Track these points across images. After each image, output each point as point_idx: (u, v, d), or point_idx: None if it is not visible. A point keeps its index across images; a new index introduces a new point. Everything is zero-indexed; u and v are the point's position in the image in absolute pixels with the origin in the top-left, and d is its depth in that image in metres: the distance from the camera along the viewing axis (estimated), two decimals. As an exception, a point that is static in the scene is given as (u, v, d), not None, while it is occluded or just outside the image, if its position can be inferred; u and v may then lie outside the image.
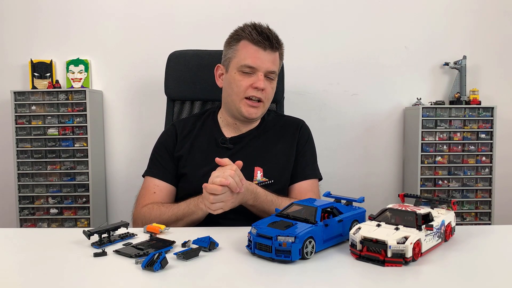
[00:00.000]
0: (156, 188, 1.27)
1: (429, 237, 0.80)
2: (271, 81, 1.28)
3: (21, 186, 2.28)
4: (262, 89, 1.24)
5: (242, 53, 1.25)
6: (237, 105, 1.27)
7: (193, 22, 2.37)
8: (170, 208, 1.16)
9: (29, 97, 2.26)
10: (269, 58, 1.25)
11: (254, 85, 1.23)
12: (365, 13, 2.40)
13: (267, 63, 1.24)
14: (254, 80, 1.24)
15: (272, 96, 1.31)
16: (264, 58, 1.24)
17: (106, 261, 0.80)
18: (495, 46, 2.42)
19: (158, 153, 1.34)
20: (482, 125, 2.26)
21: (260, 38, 1.23)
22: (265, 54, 1.24)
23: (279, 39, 1.29)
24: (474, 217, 2.31)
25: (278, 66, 1.30)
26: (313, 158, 1.38)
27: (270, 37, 1.24)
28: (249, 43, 1.25)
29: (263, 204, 1.13)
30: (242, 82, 1.25)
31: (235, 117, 1.33)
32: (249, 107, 1.26)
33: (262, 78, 1.23)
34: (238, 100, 1.26)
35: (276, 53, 1.28)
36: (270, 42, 1.24)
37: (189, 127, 1.37)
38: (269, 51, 1.25)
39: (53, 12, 2.39)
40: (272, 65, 1.26)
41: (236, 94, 1.26)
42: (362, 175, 2.48)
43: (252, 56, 1.23)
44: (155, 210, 1.19)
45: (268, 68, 1.25)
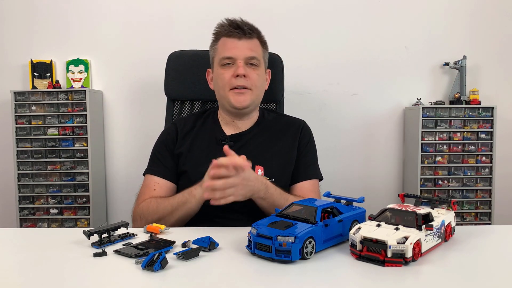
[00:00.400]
0: (156, 185, 1.28)
1: (429, 237, 0.80)
2: (255, 68, 1.29)
3: (21, 186, 2.28)
4: (244, 75, 1.25)
5: (220, 49, 1.29)
6: (226, 98, 1.29)
7: (193, 22, 2.37)
8: (167, 200, 1.18)
9: (29, 97, 2.26)
10: (246, 45, 1.27)
11: (235, 73, 1.25)
12: (365, 13, 2.40)
13: (244, 50, 1.26)
14: (235, 69, 1.26)
15: (260, 83, 1.31)
16: (241, 46, 1.27)
17: (106, 261, 0.80)
18: (495, 46, 2.42)
19: (158, 151, 1.35)
20: (482, 125, 2.26)
21: (231, 28, 1.27)
22: (241, 43, 1.27)
23: (253, 27, 1.30)
24: (474, 217, 2.31)
25: (259, 53, 1.31)
26: (315, 159, 1.39)
27: (241, 25, 1.27)
28: (225, 38, 1.29)
29: (273, 196, 1.13)
30: (224, 75, 1.28)
31: (230, 113, 1.34)
32: (236, 96, 1.27)
33: (242, 65, 1.25)
34: (225, 92, 1.29)
35: (253, 40, 1.30)
36: (242, 30, 1.27)
37: (189, 125, 1.38)
38: (244, 39, 1.27)
39: (53, 12, 2.39)
40: (250, 51, 1.27)
41: (222, 87, 1.29)
42: (362, 175, 2.47)
43: (228, 47, 1.27)
44: (152, 203, 1.20)
45: (246, 54, 1.26)
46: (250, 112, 1.35)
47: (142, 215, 1.20)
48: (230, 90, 1.27)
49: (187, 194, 1.14)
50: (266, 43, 1.36)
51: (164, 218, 1.14)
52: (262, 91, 1.34)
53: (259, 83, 1.30)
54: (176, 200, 1.15)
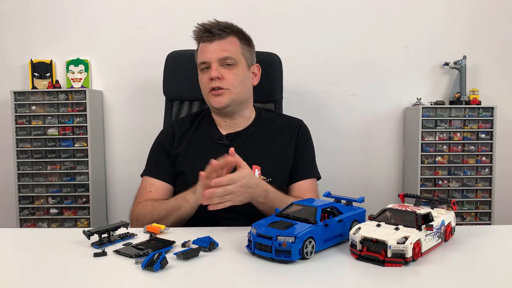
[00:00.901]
0: (152, 187, 1.28)
1: (429, 237, 0.80)
2: (231, 67, 1.27)
3: (21, 186, 2.28)
4: (217, 77, 1.25)
5: (198, 54, 1.32)
6: (208, 101, 1.32)
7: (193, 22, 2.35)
8: (162, 204, 1.18)
9: (29, 97, 2.26)
10: (217, 47, 1.27)
11: (209, 77, 1.26)
12: (365, 13, 2.40)
13: (216, 52, 1.26)
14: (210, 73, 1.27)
15: (240, 81, 1.29)
16: (212, 49, 1.27)
17: (106, 261, 0.80)
18: (495, 46, 2.42)
19: (155, 153, 1.35)
20: (482, 125, 2.26)
21: (201, 33, 1.28)
22: (213, 45, 1.27)
23: (226, 26, 1.28)
24: (474, 217, 2.31)
25: (235, 51, 1.28)
26: (312, 158, 1.39)
27: (210, 27, 1.27)
28: (201, 44, 1.30)
29: (273, 201, 1.12)
30: (203, 80, 1.30)
31: (218, 115, 1.36)
32: (214, 97, 1.28)
33: (215, 68, 1.25)
34: (206, 95, 1.31)
35: (227, 39, 1.28)
36: (211, 33, 1.27)
37: (186, 126, 1.38)
38: (216, 41, 1.27)
39: (53, 12, 2.39)
40: (221, 52, 1.26)
41: (203, 92, 1.32)
42: (362, 175, 2.47)
43: (202, 52, 1.29)
44: (148, 206, 1.20)
45: (218, 56, 1.26)
46: (236, 111, 1.34)
47: (138, 219, 1.20)
48: (209, 92, 1.29)
49: (181, 199, 1.14)
50: (248, 39, 1.34)
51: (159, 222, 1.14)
52: (244, 88, 1.31)
53: (237, 82, 1.28)
54: (170, 205, 1.15)
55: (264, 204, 1.12)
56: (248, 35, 1.35)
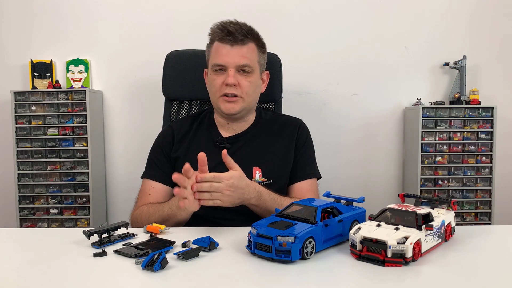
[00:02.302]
0: (151, 190, 1.28)
1: (429, 237, 0.80)
2: (247, 75, 1.26)
3: (21, 186, 2.28)
4: (234, 84, 1.23)
5: (213, 53, 1.28)
6: (217, 104, 1.29)
7: (193, 22, 2.37)
8: (157, 210, 1.16)
9: (29, 97, 2.26)
10: (238, 53, 1.24)
11: (225, 82, 1.24)
12: (365, 13, 2.40)
13: (236, 58, 1.24)
14: (225, 77, 1.25)
15: (253, 90, 1.28)
16: (232, 53, 1.24)
17: (106, 261, 0.80)
18: (495, 46, 2.42)
19: (154, 155, 1.35)
20: (482, 125, 2.26)
21: (223, 34, 1.24)
22: (233, 50, 1.24)
23: (246, 31, 1.25)
24: (474, 217, 2.31)
25: (253, 58, 1.27)
26: (312, 158, 1.38)
27: (233, 31, 1.23)
28: (218, 43, 1.26)
29: (266, 203, 1.12)
30: (216, 81, 1.27)
31: (222, 117, 1.34)
32: (226, 103, 1.26)
33: (232, 74, 1.23)
34: (216, 98, 1.28)
35: (247, 45, 1.26)
36: (234, 37, 1.23)
37: (186, 128, 1.37)
38: (237, 46, 1.24)
39: (53, 12, 2.39)
40: (241, 59, 1.24)
41: (214, 93, 1.29)
42: (362, 175, 2.47)
43: (220, 54, 1.25)
44: (144, 211, 1.20)
45: (238, 62, 1.24)
46: (243, 116, 1.34)
47: (136, 223, 1.21)
48: (220, 96, 1.27)
49: (175, 208, 1.11)
50: (264, 46, 1.33)
51: None
52: (255, 97, 1.32)
53: (250, 90, 1.27)
54: (166, 212, 1.13)
55: (257, 206, 1.12)
56: (263, 41, 1.33)
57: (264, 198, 1.12)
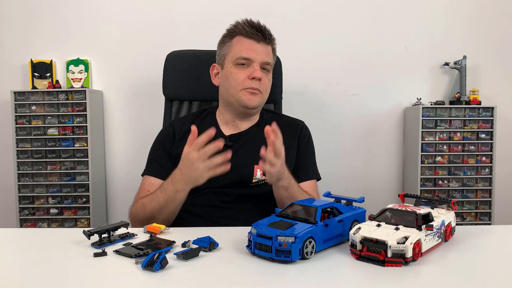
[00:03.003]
0: (150, 186, 1.28)
1: (429, 237, 0.80)
2: (267, 73, 1.31)
3: (21, 186, 2.28)
4: (259, 78, 1.26)
5: (237, 47, 1.29)
6: (237, 97, 1.29)
7: (193, 22, 2.37)
8: (151, 199, 1.17)
9: (29, 97, 2.26)
10: (264, 50, 1.29)
11: (251, 76, 1.26)
12: (365, 13, 2.40)
13: (262, 54, 1.28)
14: (250, 71, 1.26)
15: (269, 88, 1.34)
16: (259, 49, 1.28)
17: (106, 261, 0.79)
18: (495, 46, 2.42)
19: (155, 152, 1.35)
20: (482, 125, 2.26)
21: (253, 30, 1.27)
22: (259, 46, 1.28)
23: (271, 33, 1.32)
24: (474, 217, 2.31)
25: (272, 59, 1.33)
26: (313, 159, 1.40)
27: (263, 29, 1.29)
28: (242, 38, 1.29)
29: (293, 187, 1.14)
30: (239, 75, 1.27)
31: (235, 112, 1.34)
32: (249, 95, 1.28)
33: (259, 68, 1.26)
34: (236, 92, 1.29)
35: (269, 46, 1.32)
36: (263, 34, 1.28)
37: (187, 126, 1.37)
38: (262, 44, 1.29)
39: (53, 12, 2.39)
40: (266, 56, 1.29)
41: (234, 87, 1.29)
42: (362, 175, 2.48)
43: (247, 48, 1.27)
44: (139, 204, 1.21)
45: (263, 59, 1.28)
46: (255, 113, 1.37)
47: (134, 217, 1.21)
48: (242, 89, 1.28)
49: (172, 192, 1.12)
50: (275, 50, 1.39)
51: (154, 216, 1.15)
52: (267, 96, 1.36)
53: (268, 87, 1.33)
54: (162, 199, 1.14)
55: (287, 189, 1.13)
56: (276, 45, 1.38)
57: (292, 182, 1.14)
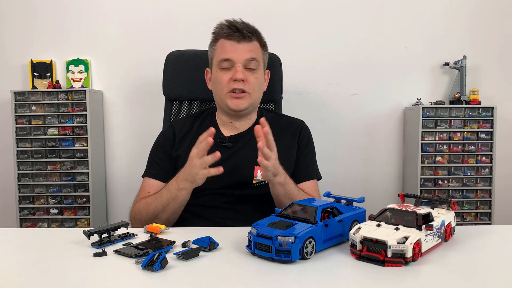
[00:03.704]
0: (151, 188, 1.28)
1: (429, 237, 0.80)
2: (253, 71, 1.28)
3: (21, 186, 2.28)
4: (242, 79, 1.25)
5: (219, 50, 1.29)
6: (224, 101, 1.29)
7: (193, 22, 2.37)
8: (156, 198, 1.17)
9: (29, 97, 2.26)
10: (245, 48, 1.27)
11: (234, 77, 1.25)
12: (365, 13, 2.40)
13: (243, 53, 1.26)
14: (233, 73, 1.26)
15: (258, 86, 1.31)
16: (240, 49, 1.26)
17: (106, 261, 0.79)
18: (495, 46, 2.42)
19: (155, 154, 1.35)
20: (482, 125, 2.26)
21: (230, 31, 1.26)
22: (240, 46, 1.27)
23: (253, 29, 1.30)
24: (474, 217, 2.31)
25: (259, 55, 1.30)
26: (313, 159, 1.39)
27: (241, 28, 1.26)
28: (224, 40, 1.28)
29: (290, 185, 1.14)
30: (223, 77, 1.27)
31: (228, 115, 1.34)
32: (233, 99, 1.27)
33: (241, 69, 1.25)
34: (223, 95, 1.29)
35: (253, 42, 1.29)
36: (242, 33, 1.26)
37: (187, 127, 1.37)
38: (244, 42, 1.27)
39: (53, 12, 2.39)
40: (249, 53, 1.27)
41: (220, 90, 1.29)
42: (362, 175, 2.48)
43: (227, 50, 1.27)
44: (142, 204, 1.21)
45: (245, 57, 1.26)
46: (249, 113, 1.35)
47: (135, 217, 1.21)
48: (227, 92, 1.27)
49: (175, 190, 1.12)
50: (266, 45, 1.36)
51: (157, 216, 1.15)
52: (260, 94, 1.34)
53: (257, 87, 1.30)
54: (165, 197, 1.14)
55: (283, 186, 1.13)
56: (265, 41, 1.36)
57: (289, 180, 1.14)
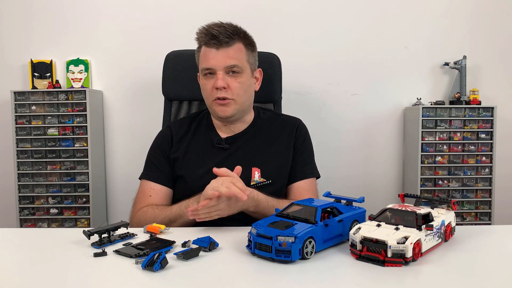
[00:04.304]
0: (152, 191, 1.27)
1: (429, 237, 0.80)
2: (237, 76, 1.25)
3: (21, 186, 2.28)
4: (223, 87, 1.23)
5: (201, 58, 1.27)
6: (211, 108, 1.29)
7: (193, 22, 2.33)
8: (164, 211, 1.16)
9: (29, 97, 2.26)
10: (224, 54, 1.23)
11: (215, 86, 1.24)
12: (365, 13, 2.40)
13: (222, 60, 1.23)
14: (215, 81, 1.24)
15: (246, 90, 1.28)
16: (219, 56, 1.23)
17: (106, 261, 0.80)
18: (495, 46, 2.42)
19: (153, 156, 1.34)
20: (482, 125, 2.26)
21: (208, 39, 1.23)
22: (219, 53, 1.23)
23: (231, 32, 1.23)
24: (474, 217, 2.31)
25: (242, 58, 1.25)
26: (311, 157, 1.38)
27: (217, 34, 1.22)
28: (204, 47, 1.26)
29: (264, 210, 1.12)
30: (207, 86, 1.27)
31: (219, 119, 1.33)
32: (219, 106, 1.26)
33: (221, 77, 1.23)
34: (209, 102, 1.29)
35: (233, 46, 1.24)
36: (219, 40, 1.22)
37: (184, 129, 1.37)
38: (223, 49, 1.23)
39: (53, 12, 2.39)
40: (228, 60, 1.23)
41: (206, 98, 1.29)
42: (362, 175, 2.47)
43: (207, 58, 1.24)
44: (149, 213, 1.19)
45: (225, 63, 1.23)
46: (239, 118, 1.33)
47: (139, 224, 1.19)
48: (213, 100, 1.26)
49: (184, 208, 1.12)
50: (253, 44, 1.32)
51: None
52: (247, 97, 1.30)
53: (242, 91, 1.26)
54: (174, 213, 1.14)
55: (255, 213, 1.12)
56: (252, 39, 1.32)
57: (262, 205, 1.12)
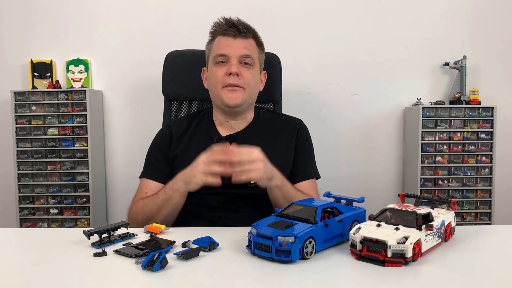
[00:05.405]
0: (148, 189, 1.28)
1: (429, 237, 0.80)
2: (249, 67, 1.28)
3: (21, 186, 2.28)
4: (236, 73, 1.24)
5: (215, 47, 1.29)
6: (219, 96, 1.28)
7: (193, 22, 2.37)
8: (152, 199, 1.18)
9: (29, 97, 2.26)
10: (241, 44, 1.27)
11: (228, 71, 1.24)
12: (365, 13, 2.40)
13: (239, 48, 1.26)
14: (228, 68, 1.25)
15: (254, 83, 1.30)
16: (235, 45, 1.26)
17: (106, 261, 0.79)
18: (495, 46, 2.42)
19: (152, 155, 1.34)
20: (482, 125, 2.27)
21: (227, 27, 1.27)
22: (236, 42, 1.27)
23: (249, 27, 1.30)
24: (474, 217, 2.31)
25: (254, 53, 1.30)
26: (312, 157, 1.38)
27: (237, 24, 1.27)
28: (220, 37, 1.29)
29: (288, 187, 1.15)
30: (218, 73, 1.27)
31: (223, 112, 1.33)
32: (228, 93, 1.26)
33: (235, 63, 1.25)
34: (218, 90, 1.28)
35: (249, 40, 1.29)
36: (238, 29, 1.26)
37: (184, 127, 1.37)
38: (240, 38, 1.27)
39: (53, 12, 2.39)
40: (244, 50, 1.26)
41: (215, 85, 1.29)
42: (362, 175, 2.47)
43: (223, 45, 1.27)
44: (139, 204, 1.21)
45: (240, 53, 1.26)
46: (243, 111, 1.34)
47: (133, 218, 1.21)
48: (222, 88, 1.27)
49: (169, 190, 1.13)
50: (263, 45, 1.36)
51: (152, 217, 1.15)
52: (255, 91, 1.33)
53: (252, 83, 1.29)
54: (160, 198, 1.15)
55: (281, 188, 1.13)
56: (262, 41, 1.35)
57: (285, 182, 1.15)
